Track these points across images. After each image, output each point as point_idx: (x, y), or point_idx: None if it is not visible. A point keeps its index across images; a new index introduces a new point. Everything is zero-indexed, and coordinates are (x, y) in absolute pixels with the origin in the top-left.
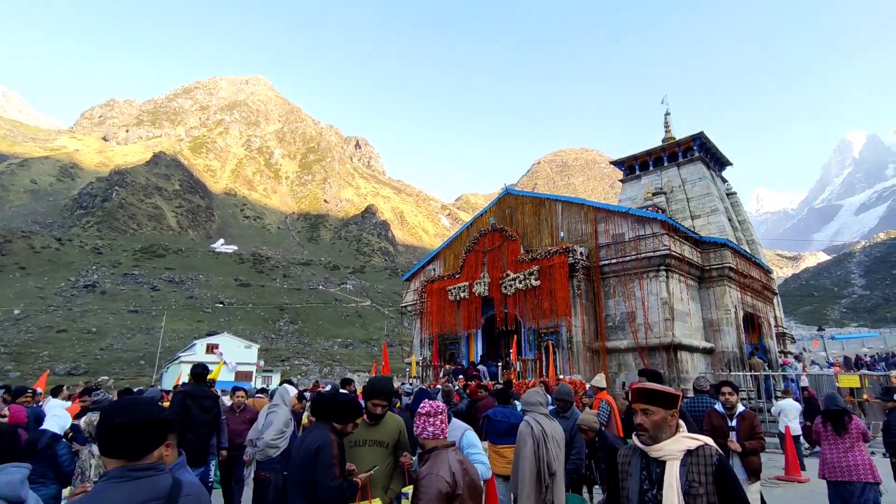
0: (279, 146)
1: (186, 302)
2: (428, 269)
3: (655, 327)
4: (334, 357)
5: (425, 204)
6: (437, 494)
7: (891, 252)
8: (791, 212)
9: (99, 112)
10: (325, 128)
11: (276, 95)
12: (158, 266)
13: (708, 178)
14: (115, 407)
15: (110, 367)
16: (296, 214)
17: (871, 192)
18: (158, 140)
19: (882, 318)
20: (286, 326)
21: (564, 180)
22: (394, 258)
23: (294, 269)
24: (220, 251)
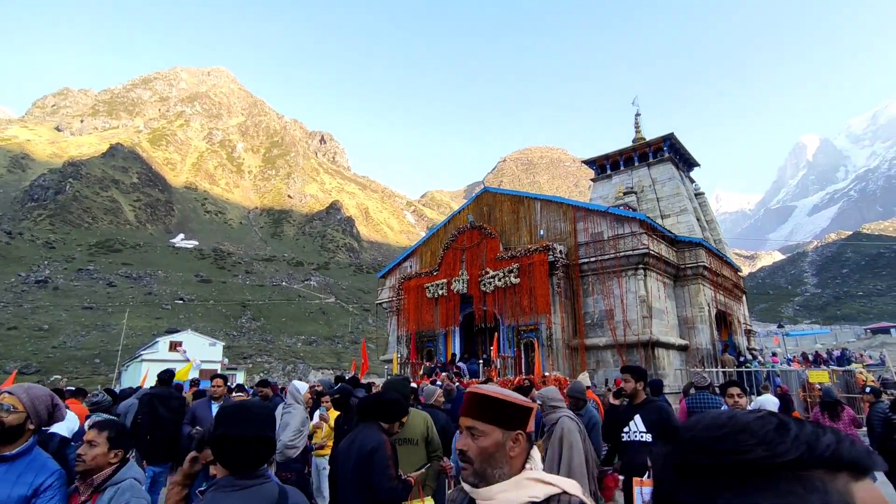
0: (242, 140)
1: (145, 298)
2: (404, 266)
3: (634, 325)
4: (298, 354)
5: (391, 200)
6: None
7: (841, 252)
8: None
9: (52, 101)
10: (289, 122)
11: (239, 88)
12: (115, 261)
13: (677, 179)
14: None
15: (63, 366)
16: (259, 209)
17: (824, 193)
18: (115, 131)
19: (832, 316)
20: (248, 323)
21: (530, 178)
22: (359, 255)
23: (257, 266)
24: (180, 246)
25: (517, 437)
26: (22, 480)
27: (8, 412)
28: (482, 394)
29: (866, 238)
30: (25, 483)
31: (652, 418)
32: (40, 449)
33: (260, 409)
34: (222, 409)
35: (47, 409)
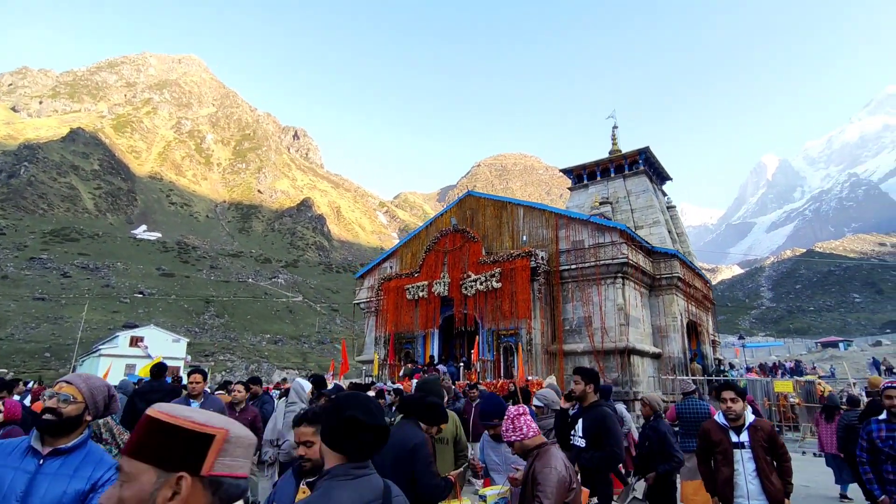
0: (212, 131)
1: (101, 291)
2: (383, 267)
3: (611, 332)
4: (262, 353)
5: (363, 200)
6: (559, 487)
7: (795, 268)
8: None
9: (9, 80)
10: (262, 115)
11: (210, 77)
12: (71, 251)
13: (651, 191)
14: (349, 402)
15: (10, 359)
16: (227, 203)
17: (781, 212)
18: (77, 115)
19: (785, 329)
20: (211, 320)
21: (503, 184)
22: (329, 253)
23: (222, 261)
24: (141, 238)
25: (178, 484)
26: (79, 475)
27: (66, 402)
28: (149, 417)
29: (818, 256)
30: (83, 477)
31: (589, 424)
32: (93, 442)
33: (376, 400)
34: (344, 397)
35: (104, 401)
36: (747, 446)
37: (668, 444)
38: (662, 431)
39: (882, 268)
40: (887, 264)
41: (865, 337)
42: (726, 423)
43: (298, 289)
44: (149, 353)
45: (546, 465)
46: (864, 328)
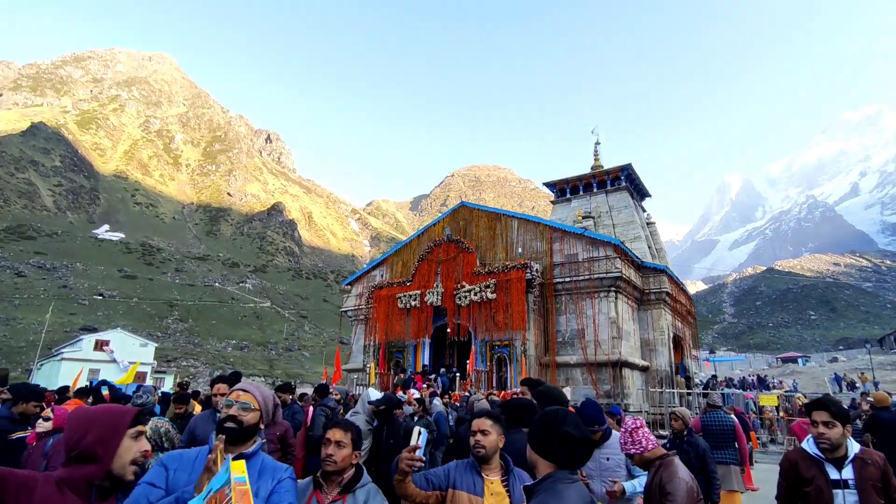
0: (182, 131)
1: (59, 292)
2: (372, 275)
3: (604, 344)
4: (227, 360)
5: (335, 206)
6: (689, 497)
7: (756, 286)
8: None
9: None
10: (234, 117)
11: (181, 76)
12: (26, 249)
13: (632, 207)
14: (559, 418)
15: None
16: (195, 205)
17: (744, 230)
18: (39, 109)
19: (746, 344)
20: (175, 324)
21: (476, 195)
22: (299, 259)
23: (188, 264)
24: (103, 238)
25: None
26: (264, 477)
27: (246, 410)
28: None
29: (777, 274)
30: (268, 479)
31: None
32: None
33: (575, 414)
34: (553, 412)
35: (273, 409)
36: (851, 486)
37: (708, 459)
38: (703, 448)
39: (836, 287)
40: (841, 284)
41: (821, 353)
42: (820, 455)
43: (267, 294)
44: (115, 358)
45: (674, 476)
46: (819, 344)
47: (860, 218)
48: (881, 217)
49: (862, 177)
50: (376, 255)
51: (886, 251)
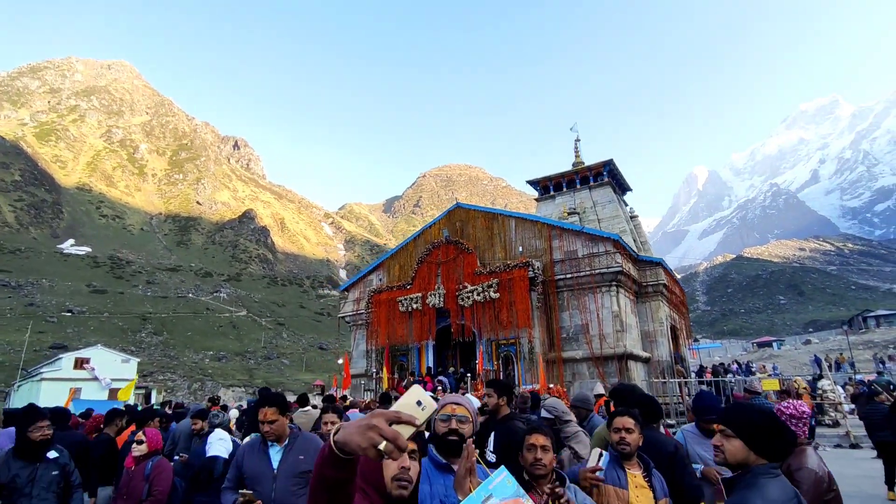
0: (146, 140)
1: (25, 310)
2: (368, 280)
3: (608, 338)
4: (205, 371)
5: (307, 211)
6: (817, 487)
7: (726, 273)
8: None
9: None
10: (199, 124)
11: (143, 84)
12: None
13: (616, 202)
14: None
15: None
16: (163, 216)
17: (712, 220)
18: None
19: (720, 331)
20: (149, 338)
21: (449, 194)
22: (273, 266)
23: (160, 276)
24: (69, 252)
25: None
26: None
27: (463, 423)
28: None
29: (747, 261)
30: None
31: (501, 439)
32: None
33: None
34: (771, 411)
35: (475, 418)
36: None
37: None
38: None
39: (803, 271)
40: (807, 268)
41: (793, 336)
42: None
43: (242, 303)
44: (96, 376)
45: (802, 466)
46: (790, 328)
47: (821, 204)
48: (841, 202)
49: (821, 164)
50: (352, 259)
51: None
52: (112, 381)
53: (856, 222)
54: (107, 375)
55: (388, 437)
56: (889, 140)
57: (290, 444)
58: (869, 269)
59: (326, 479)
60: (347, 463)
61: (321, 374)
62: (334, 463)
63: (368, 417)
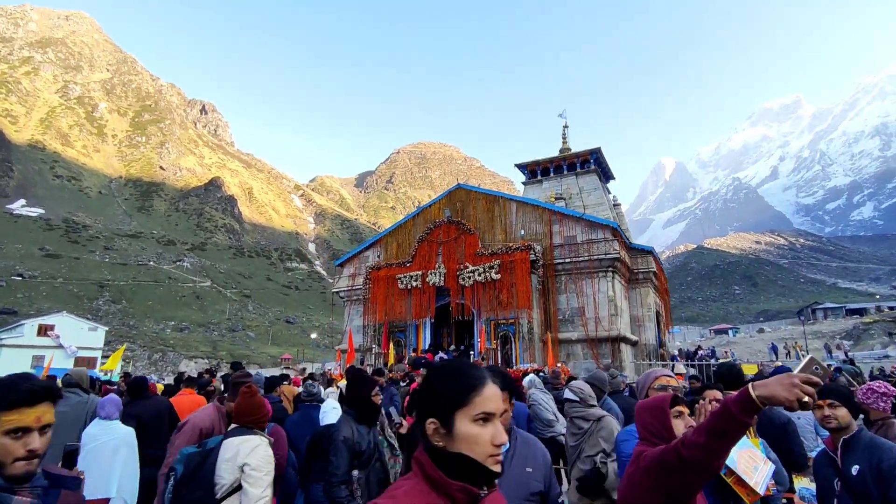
0: (106, 99)
1: None
2: (364, 256)
3: (603, 321)
4: (167, 342)
5: (277, 182)
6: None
7: (687, 262)
8: None
9: None
10: (165, 85)
11: (104, 39)
12: None
13: (601, 189)
14: None
15: None
16: (123, 179)
17: (676, 210)
18: None
19: (678, 317)
20: (107, 306)
21: (422, 172)
22: (240, 236)
23: (119, 242)
24: (20, 214)
25: None
26: None
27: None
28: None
29: (706, 252)
30: None
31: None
32: None
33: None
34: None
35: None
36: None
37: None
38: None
39: (757, 263)
40: (762, 260)
41: (747, 325)
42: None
43: (207, 273)
44: (61, 343)
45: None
46: (742, 317)
47: (778, 199)
48: (796, 199)
49: (781, 161)
50: (322, 233)
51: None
52: (78, 350)
53: (808, 219)
54: (72, 343)
55: (808, 393)
56: (844, 142)
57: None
58: (817, 264)
59: (742, 426)
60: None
61: (288, 347)
62: (752, 411)
63: (788, 377)
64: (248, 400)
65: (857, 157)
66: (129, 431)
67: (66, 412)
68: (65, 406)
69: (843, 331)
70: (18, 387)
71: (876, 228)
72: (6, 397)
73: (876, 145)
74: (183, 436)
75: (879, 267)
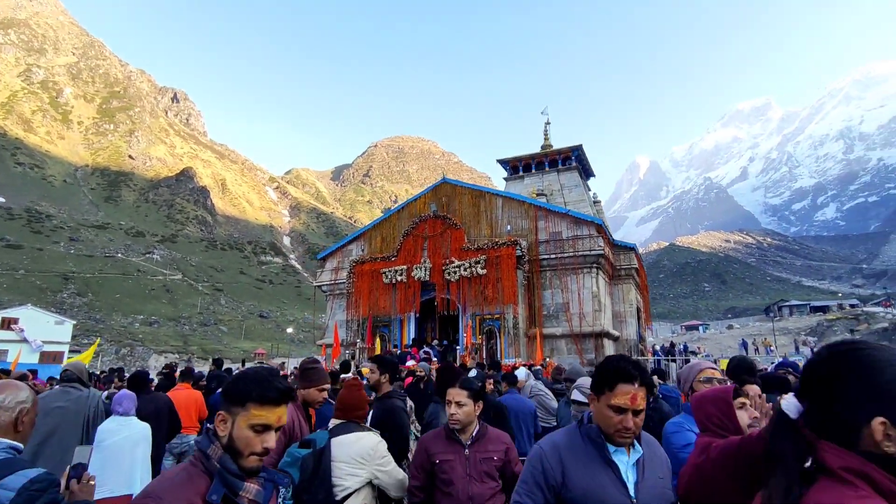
0: (72, 84)
1: None
2: (348, 249)
3: (587, 317)
4: (135, 336)
5: (251, 174)
6: None
7: (659, 259)
8: None
9: None
10: (134, 72)
11: (70, 22)
12: None
13: (582, 186)
14: None
15: None
16: (90, 168)
17: (649, 208)
18: None
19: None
20: (72, 299)
21: (400, 166)
22: (212, 229)
23: (85, 233)
24: None
25: None
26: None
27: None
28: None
29: (678, 249)
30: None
31: (378, 415)
32: None
33: None
34: None
35: None
36: None
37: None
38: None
39: (726, 261)
40: (731, 258)
41: (716, 321)
42: None
43: (177, 266)
44: (26, 337)
45: None
46: (711, 313)
47: (747, 199)
48: (764, 199)
49: (750, 162)
50: (297, 227)
51: (768, 230)
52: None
53: (775, 219)
54: (37, 337)
55: None
56: (810, 145)
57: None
58: (783, 263)
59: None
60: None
61: (262, 342)
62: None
63: None
64: (355, 393)
65: (822, 159)
66: (145, 426)
67: (67, 407)
68: (66, 401)
69: (807, 327)
70: (273, 384)
71: (838, 229)
72: (262, 393)
73: (840, 148)
74: None
75: (841, 266)
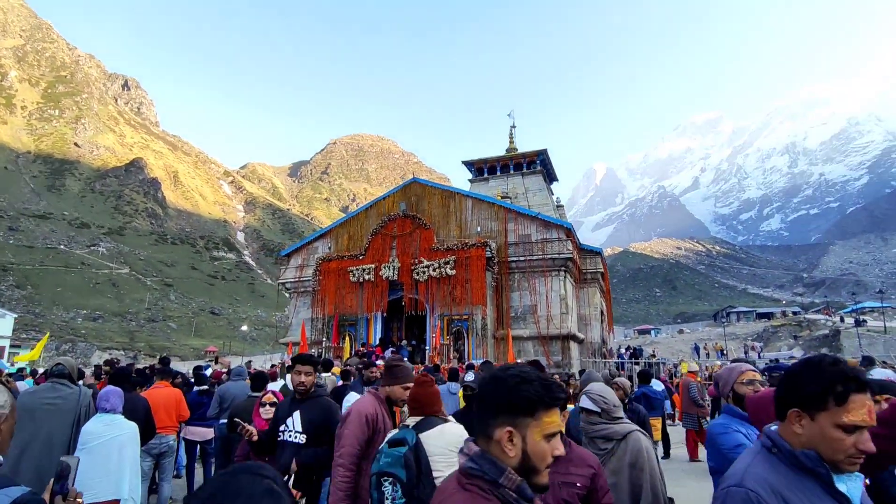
0: (16, 67)
1: None
2: (314, 247)
3: (555, 319)
4: (78, 332)
5: (205, 167)
6: None
7: (613, 265)
8: None
9: None
10: (83, 56)
11: (19, 3)
12: None
13: (546, 190)
14: None
15: None
16: (32, 155)
17: (605, 214)
18: None
19: None
20: (10, 291)
21: (359, 164)
22: (163, 222)
23: (25, 222)
24: None
25: None
26: None
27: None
28: None
29: (631, 255)
30: None
31: (313, 417)
32: None
33: None
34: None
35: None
36: None
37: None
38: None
39: (677, 268)
40: (681, 265)
41: (667, 325)
42: None
43: (125, 259)
44: None
45: None
46: (662, 318)
47: (698, 208)
48: (714, 208)
49: (702, 172)
50: (251, 222)
51: (716, 238)
52: None
53: (724, 227)
54: None
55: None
56: (758, 157)
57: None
58: (730, 270)
59: None
60: None
61: (213, 339)
62: None
63: None
64: (429, 390)
65: (768, 172)
66: (133, 426)
67: (59, 404)
68: (58, 398)
69: (754, 333)
70: (553, 383)
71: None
72: (552, 395)
73: (785, 162)
74: (351, 426)
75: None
